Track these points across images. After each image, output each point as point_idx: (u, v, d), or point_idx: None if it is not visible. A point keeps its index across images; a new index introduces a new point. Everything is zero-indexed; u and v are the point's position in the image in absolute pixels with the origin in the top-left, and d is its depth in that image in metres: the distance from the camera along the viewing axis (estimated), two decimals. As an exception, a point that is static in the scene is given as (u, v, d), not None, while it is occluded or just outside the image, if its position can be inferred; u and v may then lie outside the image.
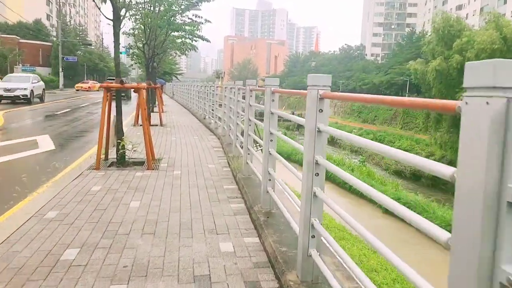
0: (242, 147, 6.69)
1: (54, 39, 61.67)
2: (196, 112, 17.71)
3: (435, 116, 29.04)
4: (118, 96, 6.32)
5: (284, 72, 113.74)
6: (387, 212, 17.82)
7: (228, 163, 6.69)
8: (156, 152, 7.59)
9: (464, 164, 1.05)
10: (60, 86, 47.45)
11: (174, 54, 26.11)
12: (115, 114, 6.67)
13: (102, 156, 6.76)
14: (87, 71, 63.90)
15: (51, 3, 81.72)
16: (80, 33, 76.01)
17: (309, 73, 2.56)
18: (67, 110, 18.89)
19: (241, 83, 7.03)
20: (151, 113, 13.23)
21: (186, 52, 14.34)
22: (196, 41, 12.59)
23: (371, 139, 1.97)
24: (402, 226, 16.93)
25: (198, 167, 6.50)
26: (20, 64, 57.64)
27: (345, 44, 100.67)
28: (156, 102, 16.60)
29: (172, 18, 11.25)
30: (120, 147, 6.33)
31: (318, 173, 2.46)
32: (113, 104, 6.52)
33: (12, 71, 49.96)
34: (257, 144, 6.04)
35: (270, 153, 3.96)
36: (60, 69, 48.76)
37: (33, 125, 12.91)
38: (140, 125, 9.11)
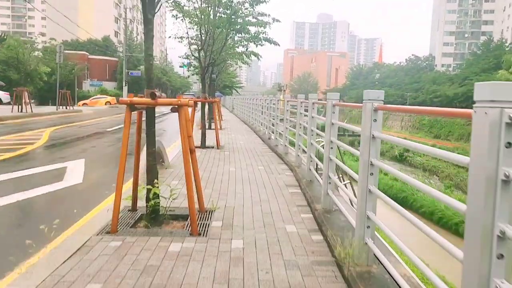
0: (338, 191, 4.13)
1: (121, 54, 63.23)
2: (258, 130, 15.43)
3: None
4: (150, 117, 4.08)
5: (345, 84, 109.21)
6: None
7: (320, 228, 4.13)
8: (207, 195, 5.29)
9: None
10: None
11: (235, 66, 24.30)
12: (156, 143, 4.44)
13: (129, 204, 4.58)
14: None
15: (119, 20, 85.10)
16: (145, 48, 77.92)
17: (372, 85, 0.47)
18: (119, 126, 17.50)
19: (337, 95, 4.51)
20: (206, 131, 11.10)
21: (248, 60, 12.14)
22: (262, 45, 10.32)
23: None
24: None
25: (270, 230, 4.05)
26: (88, 79, 59.78)
27: (412, 55, 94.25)
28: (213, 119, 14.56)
29: (233, 16, 9.07)
30: (151, 197, 4.08)
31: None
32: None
33: (80, 86, 51.52)
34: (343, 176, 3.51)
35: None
36: (124, 83, 49.28)
37: (75, 146, 11.29)
38: (197, 147, 6.58)
